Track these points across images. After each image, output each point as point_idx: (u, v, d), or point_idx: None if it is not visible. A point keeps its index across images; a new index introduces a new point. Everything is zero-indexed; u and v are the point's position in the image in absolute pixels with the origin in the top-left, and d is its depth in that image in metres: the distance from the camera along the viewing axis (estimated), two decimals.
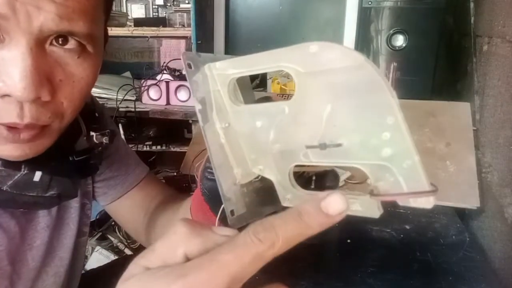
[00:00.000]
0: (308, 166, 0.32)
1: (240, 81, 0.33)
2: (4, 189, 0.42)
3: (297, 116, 0.29)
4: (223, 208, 0.36)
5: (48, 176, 0.45)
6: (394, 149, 0.25)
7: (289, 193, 0.32)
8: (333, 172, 0.39)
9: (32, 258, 0.52)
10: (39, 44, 0.36)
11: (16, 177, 0.42)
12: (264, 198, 0.36)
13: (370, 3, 1.10)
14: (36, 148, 0.41)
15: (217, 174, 0.32)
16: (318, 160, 0.29)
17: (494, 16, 0.88)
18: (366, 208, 0.27)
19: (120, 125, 1.39)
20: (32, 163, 0.43)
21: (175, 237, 0.24)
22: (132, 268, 0.25)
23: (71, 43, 0.38)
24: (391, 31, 1.09)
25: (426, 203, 0.24)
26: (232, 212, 0.33)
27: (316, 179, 0.38)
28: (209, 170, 0.43)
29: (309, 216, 0.23)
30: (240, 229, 0.24)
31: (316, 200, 0.23)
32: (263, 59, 0.29)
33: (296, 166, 0.31)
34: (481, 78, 0.95)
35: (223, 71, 0.31)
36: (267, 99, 0.38)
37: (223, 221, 0.42)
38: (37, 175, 0.44)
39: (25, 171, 0.43)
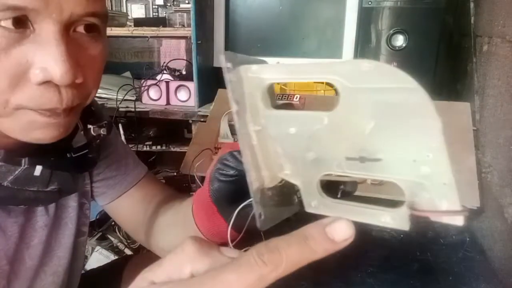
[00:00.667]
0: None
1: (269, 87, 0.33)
2: (5, 184, 0.42)
3: (337, 127, 0.29)
4: (235, 215, 0.39)
5: (49, 170, 0.45)
6: (433, 169, 0.26)
7: (314, 200, 0.32)
8: (353, 180, 0.40)
9: (29, 257, 0.52)
10: (66, 31, 0.38)
11: (16, 172, 0.43)
12: (285, 201, 0.36)
13: (370, 3, 1.10)
14: (67, 127, 0.43)
15: (248, 176, 0.33)
16: (353, 172, 0.29)
17: (494, 16, 0.88)
18: (397, 220, 0.28)
19: (120, 125, 1.39)
20: (32, 157, 0.43)
21: (183, 255, 0.25)
22: (139, 281, 0.25)
23: (91, 32, 0.41)
24: (391, 31, 1.09)
25: (458, 220, 0.26)
26: (260, 214, 0.34)
27: (335, 185, 0.38)
28: (220, 171, 0.43)
29: (315, 241, 0.23)
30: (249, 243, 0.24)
31: (322, 224, 0.23)
32: (307, 69, 0.30)
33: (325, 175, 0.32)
34: (481, 78, 0.95)
35: (258, 75, 0.32)
36: (288, 106, 0.38)
37: (235, 227, 0.43)
38: (38, 170, 0.44)
39: (26, 166, 0.43)
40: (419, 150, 0.26)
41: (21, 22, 0.35)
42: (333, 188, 0.35)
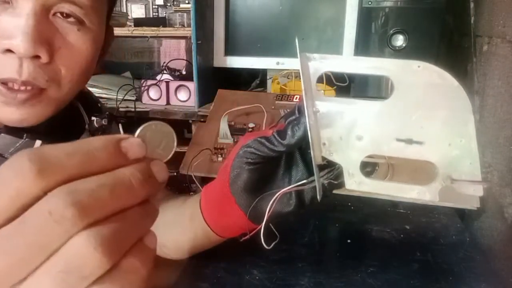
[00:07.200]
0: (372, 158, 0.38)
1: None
2: (6, 156, 0.44)
3: (388, 114, 0.34)
4: (253, 206, 0.43)
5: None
6: (462, 151, 0.33)
7: (355, 177, 0.37)
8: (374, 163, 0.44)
9: None
10: (44, 12, 0.40)
11: (17, 144, 0.45)
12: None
13: (370, 3, 1.10)
14: (35, 114, 0.44)
15: (312, 150, 0.37)
16: (398, 153, 0.35)
17: (494, 16, 0.88)
18: (428, 194, 0.35)
19: (120, 125, 1.39)
20: (34, 132, 0.46)
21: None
22: None
23: (71, 18, 0.42)
24: (391, 31, 1.09)
25: (478, 191, 0.34)
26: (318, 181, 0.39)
27: (370, 167, 0.42)
28: (244, 159, 0.44)
29: (104, 152, 0.20)
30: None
31: (115, 137, 0.21)
32: (364, 64, 0.35)
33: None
34: (481, 78, 0.95)
35: (317, 63, 0.36)
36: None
37: (252, 218, 0.46)
38: (37, 144, 0.46)
39: (26, 139, 0.45)
40: (454, 136, 0.33)
41: None
42: (366, 169, 0.40)
